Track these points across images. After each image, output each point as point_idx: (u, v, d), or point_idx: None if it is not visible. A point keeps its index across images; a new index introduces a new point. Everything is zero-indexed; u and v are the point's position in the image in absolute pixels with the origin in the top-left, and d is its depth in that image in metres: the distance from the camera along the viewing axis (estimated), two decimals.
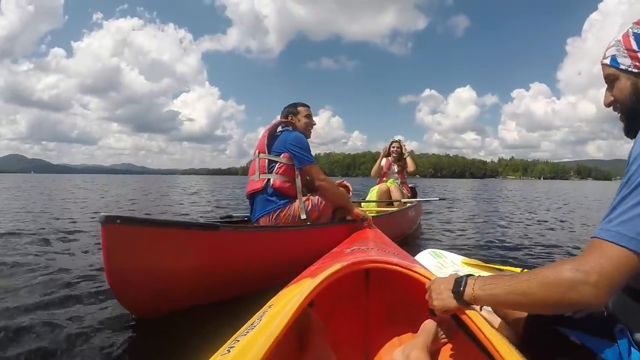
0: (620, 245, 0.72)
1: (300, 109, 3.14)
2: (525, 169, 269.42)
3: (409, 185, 6.11)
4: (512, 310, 1.09)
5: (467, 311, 1.00)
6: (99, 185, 24.03)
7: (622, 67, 0.93)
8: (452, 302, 0.96)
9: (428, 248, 2.89)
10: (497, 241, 5.02)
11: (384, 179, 5.82)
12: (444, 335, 1.32)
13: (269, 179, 2.81)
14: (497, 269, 2.32)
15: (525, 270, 1.99)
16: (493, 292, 0.88)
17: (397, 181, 5.74)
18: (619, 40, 0.95)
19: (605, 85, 1.01)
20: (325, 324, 1.51)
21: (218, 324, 1.59)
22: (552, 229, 6.48)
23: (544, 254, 4.22)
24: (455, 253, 2.86)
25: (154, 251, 1.98)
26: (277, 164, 2.82)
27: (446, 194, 19.37)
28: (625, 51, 0.92)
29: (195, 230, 2.12)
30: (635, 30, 0.92)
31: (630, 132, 0.96)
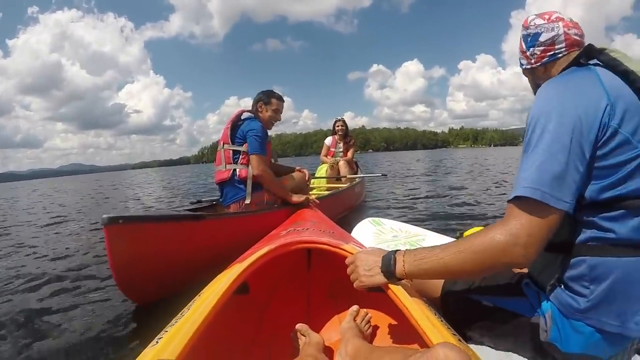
0: (531, 199, 0.78)
1: (273, 100, 3.20)
2: (475, 137, 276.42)
3: (354, 160, 6.38)
4: (444, 279, 1.12)
5: (391, 285, 1.04)
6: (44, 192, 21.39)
7: (523, 67, 1.13)
8: (381, 279, 0.98)
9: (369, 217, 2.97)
10: (440, 210, 5.25)
11: (330, 157, 6.01)
12: (369, 314, 1.36)
13: (234, 169, 2.97)
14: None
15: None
16: (425, 267, 0.89)
17: (343, 159, 5.92)
18: (519, 45, 1.14)
19: None
20: (265, 306, 1.53)
21: None
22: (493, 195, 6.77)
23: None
24: (394, 220, 2.95)
25: (152, 243, 2.20)
26: (241, 153, 2.96)
27: (395, 166, 19.82)
28: (521, 54, 1.12)
29: (186, 221, 2.39)
30: (523, 32, 1.11)
31: None
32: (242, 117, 3.08)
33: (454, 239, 2.40)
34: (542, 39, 1.04)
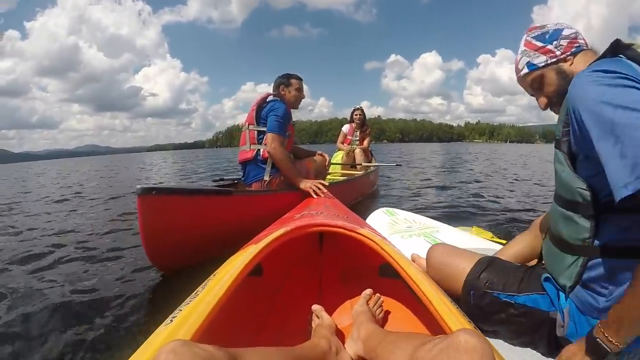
0: None
1: (292, 81, 3.34)
2: (491, 133, 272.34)
3: (369, 149, 6.48)
4: None
5: (407, 269, 1.02)
6: (63, 171, 21.29)
7: (540, 64, 1.06)
8: None
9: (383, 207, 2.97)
10: (453, 202, 5.25)
11: (346, 144, 6.14)
12: (381, 299, 1.36)
13: (258, 149, 3.10)
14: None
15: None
16: (631, 323, 0.78)
17: (359, 147, 6.04)
18: (524, 50, 1.09)
19: (534, 97, 1.12)
20: (278, 289, 1.53)
21: None
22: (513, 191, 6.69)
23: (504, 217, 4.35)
24: (407, 211, 2.95)
25: (181, 215, 2.32)
26: (265, 134, 3.07)
27: (410, 157, 19.70)
28: (535, 52, 1.07)
29: (215, 196, 2.55)
30: (533, 34, 1.09)
31: None
32: (268, 100, 3.19)
33: (465, 231, 2.40)
34: (565, 32, 1.05)
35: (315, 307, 1.28)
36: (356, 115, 6.15)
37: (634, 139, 0.69)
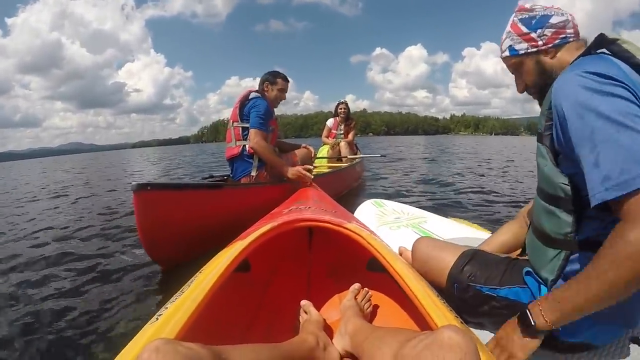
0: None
1: (278, 80, 3.43)
2: (476, 125, 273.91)
3: (354, 142, 6.56)
4: (595, 309, 0.88)
5: (393, 264, 1.02)
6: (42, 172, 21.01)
7: (521, 52, 1.04)
8: (533, 342, 0.86)
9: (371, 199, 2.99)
10: (438, 192, 5.39)
11: (331, 138, 6.22)
12: (370, 293, 1.36)
13: (244, 145, 3.21)
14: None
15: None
16: (573, 306, 0.78)
17: (344, 140, 6.14)
18: (509, 31, 1.06)
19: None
20: (267, 285, 1.52)
21: None
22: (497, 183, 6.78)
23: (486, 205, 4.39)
24: (396, 201, 2.97)
25: (177, 209, 2.40)
26: (249, 130, 3.17)
27: (397, 149, 19.87)
28: (518, 37, 1.04)
29: (207, 190, 2.67)
30: (520, 16, 1.05)
31: None
32: (250, 97, 3.27)
33: (453, 220, 2.42)
34: (553, 21, 1.00)
35: (304, 303, 1.28)
36: (340, 109, 6.22)
37: (609, 151, 0.72)
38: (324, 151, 6.12)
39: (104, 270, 2.60)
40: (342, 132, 6.22)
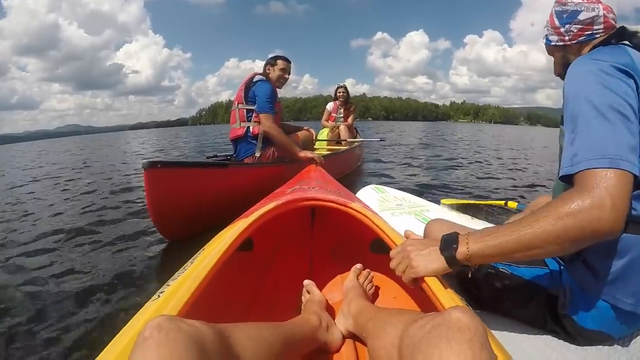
0: (610, 168, 0.73)
1: (278, 61, 3.56)
2: (476, 113, 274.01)
3: (354, 126, 6.64)
4: (516, 259, 0.95)
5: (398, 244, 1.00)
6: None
7: (552, 43, 1.11)
8: (440, 265, 0.84)
9: (372, 184, 2.99)
10: (443, 180, 5.29)
11: (331, 122, 6.28)
12: (372, 274, 1.35)
13: (248, 127, 3.34)
14: (478, 204, 2.39)
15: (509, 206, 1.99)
16: (494, 242, 0.79)
17: (344, 124, 6.18)
18: (548, 21, 1.12)
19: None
20: (269, 264, 1.52)
21: None
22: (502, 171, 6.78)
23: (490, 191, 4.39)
24: (395, 188, 2.96)
25: (185, 186, 2.54)
26: (254, 112, 3.32)
27: (397, 135, 19.82)
28: (552, 29, 1.10)
29: (213, 168, 2.86)
30: (556, 8, 1.09)
31: None
32: (254, 80, 3.39)
33: (457, 213, 2.40)
34: (581, 17, 1.02)
35: (307, 282, 1.28)
36: (340, 92, 6.26)
37: (582, 134, 0.80)
38: (323, 134, 6.14)
39: (107, 245, 2.67)
40: (341, 115, 6.28)
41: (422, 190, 4.35)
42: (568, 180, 0.81)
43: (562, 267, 0.97)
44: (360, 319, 1.03)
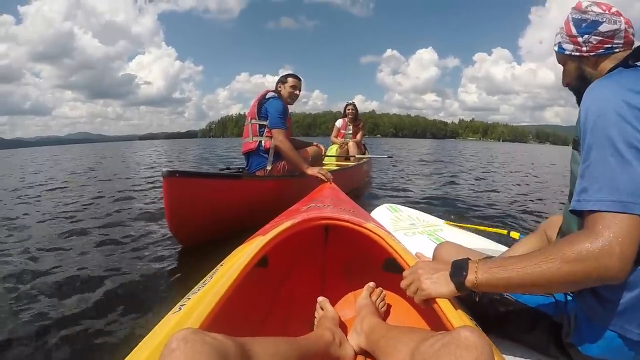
0: (623, 213, 0.72)
1: (289, 79, 3.71)
2: (485, 131, 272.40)
3: (362, 143, 6.73)
4: (525, 293, 0.97)
5: (411, 264, 1.02)
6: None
7: (567, 52, 1.03)
8: (449, 289, 0.87)
9: (382, 200, 3.01)
10: (450, 198, 5.27)
11: (340, 138, 6.40)
12: (384, 292, 1.37)
13: (260, 141, 3.47)
14: (479, 229, 2.39)
15: (512, 235, 1.99)
16: (502, 275, 0.80)
17: (353, 140, 6.31)
18: (562, 27, 1.04)
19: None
20: (283, 280, 1.54)
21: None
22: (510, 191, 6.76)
23: (500, 214, 4.35)
24: (409, 207, 2.98)
25: (201, 195, 2.64)
26: (266, 127, 3.45)
27: (405, 152, 19.80)
28: (567, 37, 1.02)
29: (228, 179, 2.98)
30: (574, 15, 1.01)
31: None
32: (267, 97, 3.55)
33: (469, 231, 2.40)
34: (602, 29, 0.96)
35: (321, 299, 1.30)
36: (349, 109, 6.38)
37: (595, 169, 0.77)
38: (332, 150, 6.25)
39: (125, 252, 2.74)
40: (350, 132, 6.40)
41: (425, 207, 4.33)
42: (577, 214, 0.80)
43: (568, 295, 0.96)
44: (372, 336, 1.04)
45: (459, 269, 0.87)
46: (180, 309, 0.86)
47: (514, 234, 2.33)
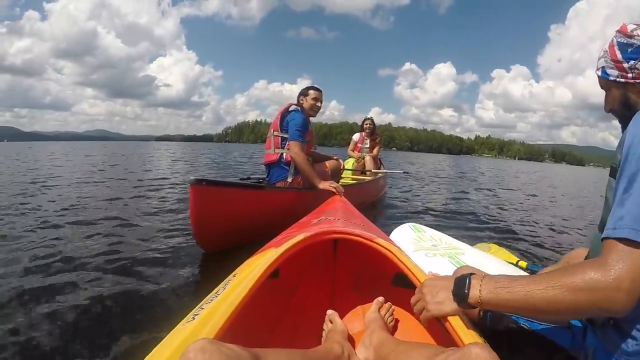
0: (636, 241, 0.70)
1: (310, 92, 3.76)
2: (501, 148, 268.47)
3: (379, 157, 6.77)
4: (523, 315, 0.96)
5: (421, 280, 1.03)
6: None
7: (611, 78, 0.97)
8: (451, 307, 0.86)
9: (397, 215, 2.99)
10: (455, 216, 5.17)
11: (357, 152, 6.47)
12: (393, 307, 1.38)
13: (282, 153, 3.53)
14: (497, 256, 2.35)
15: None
16: (506, 297, 0.79)
17: (369, 155, 6.33)
18: (606, 51, 0.98)
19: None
20: (292, 291, 1.56)
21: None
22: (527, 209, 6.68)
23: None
24: (414, 221, 2.93)
25: (226, 203, 2.72)
26: (287, 140, 3.49)
27: (422, 167, 19.72)
28: (612, 62, 0.96)
29: (251, 190, 3.06)
30: (619, 39, 0.95)
31: None
32: (289, 109, 3.61)
33: (491, 256, 2.37)
34: None
35: (330, 312, 1.31)
36: (366, 124, 6.48)
37: (637, 198, 0.73)
38: (349, 163, 6.28)
39: (145, 257, 2.70)
40: (367, 146, 6.46)
41: (436, 224, 4.25)
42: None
43: (587, 328, 0.93)
44: (381, 350, 1.06)
45: (460, 287, 0.86)
46: (194, 318, 0.87)
47: (522, 263, 2.31)
